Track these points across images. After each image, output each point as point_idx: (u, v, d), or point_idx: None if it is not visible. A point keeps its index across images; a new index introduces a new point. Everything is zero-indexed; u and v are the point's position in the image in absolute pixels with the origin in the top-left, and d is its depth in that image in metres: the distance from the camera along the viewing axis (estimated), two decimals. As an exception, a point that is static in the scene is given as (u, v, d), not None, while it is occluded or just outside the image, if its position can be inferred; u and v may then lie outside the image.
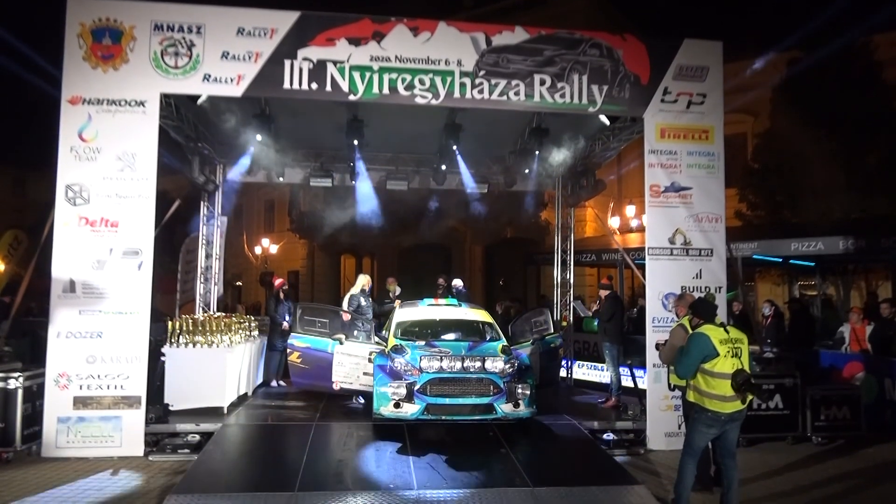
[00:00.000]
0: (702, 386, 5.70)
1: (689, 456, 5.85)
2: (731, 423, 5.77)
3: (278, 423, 8.58)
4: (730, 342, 5.69)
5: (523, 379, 8.09)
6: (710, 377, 5.66)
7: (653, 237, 8.88)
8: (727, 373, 5.61)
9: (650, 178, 8.91)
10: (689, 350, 5.70)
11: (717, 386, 5.64)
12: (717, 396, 5.65)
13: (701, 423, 5.76)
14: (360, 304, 10.33)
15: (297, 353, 9.22)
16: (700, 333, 5.72)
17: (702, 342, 5.66)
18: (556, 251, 13.22)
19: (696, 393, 5.77)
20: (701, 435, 5.81)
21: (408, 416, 7.76)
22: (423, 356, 8.01)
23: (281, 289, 11.31)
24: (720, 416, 5.67)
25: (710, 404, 5.68)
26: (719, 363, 5.63)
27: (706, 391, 5.68)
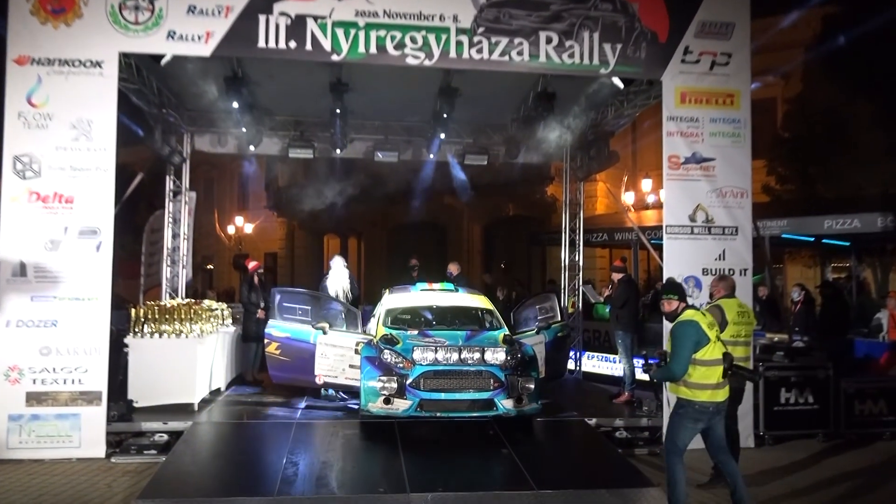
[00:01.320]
0: (693, 378, 5.74)
1: (675, 455, 5.91)
2: (718, 416, 5.88)
3: (255, 422, 8.60)
4: (715, 326, 5.84)
5: (527, 372, 8.12)
6: (701, 366, 5.73)
7: (671, 214, 8.87)
8: (718, 359, 5.73)
9: (669, 148, 8.88)
10: (682, 342, 5.70)
11: (709, 374, 5.72)
12: (709, 386, 5.73)
13: (687, 417, 5.82)
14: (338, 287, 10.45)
15: (275, 344, 9.22)
16: (689, 321, 5.76)
17: (693, 330, 5.72)
18: (563, 230, 13.22)
19: (684, 387, 5.79)
20: (687, 431, 5.88)
21: (399, 413, 7.78)
22: (415, 347, 8.02)
23: (255, 272, 11.30)
24: (709, 407, 5.76)
25: (701, 395, 5.75)
26: (710, 350, 5.71)
27: (697, 382, 5.74)
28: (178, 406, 8.73)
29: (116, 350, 8.60)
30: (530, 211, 24.41)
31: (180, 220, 12.26)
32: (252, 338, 11.01)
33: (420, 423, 8.03)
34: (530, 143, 12.04)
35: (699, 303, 8.53)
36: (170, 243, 12.07)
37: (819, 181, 18.15)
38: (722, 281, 7.51)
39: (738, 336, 7.17)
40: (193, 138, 12.24)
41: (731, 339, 6.99)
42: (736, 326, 7.14)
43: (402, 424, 7.99)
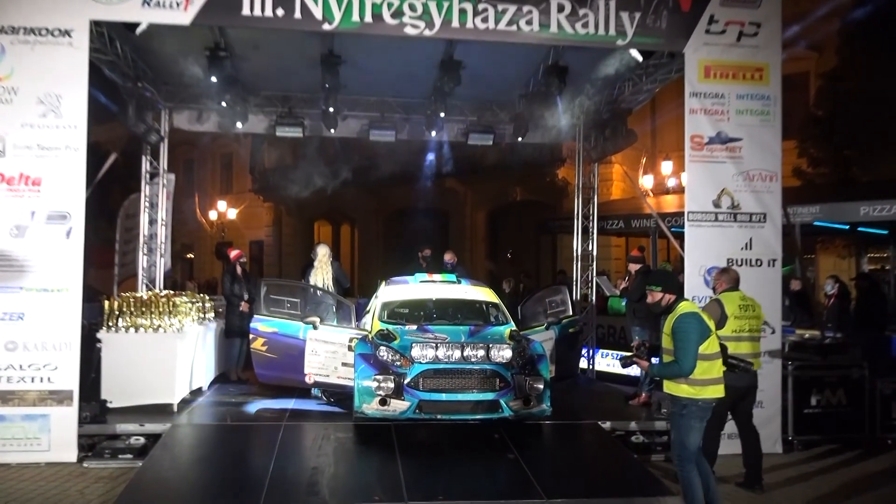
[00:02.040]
0: (696, 374, 5.81)
1: (688, 461, 5.95)
2: (710, 413, 5.98)
3: (240, 424, 8.62)
4: (710, 318, 5.96)
5: (535, 371, 8.14)
6: (705, 360, 5.81)
7: (694, 199, 8.86)
8: (717, 352, 5.85)
9: (691, 127, 8.86)
10: (689, 336, 5.75)
11: (711, 369, 5.82)
12: (713, 381, 5.83)
13: (693, 417, 5.88)
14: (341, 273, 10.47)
15: (261, 340, 9.24)
16: (693, 313, 5.82)
17: (696, 322, 5.78)
18: (576, 217, 13.21)
19: (687, 384, 5.84)
20: (695, 432, 5.93)
21: (396, 415, 7.81)
22: (414, 343, 8.03)
23: (237, 261, 11.31)
24: (712, 403, 5.86)
25: (705, 392, 5.82)
26: (711, 343, 5.81)
27: (703, 378, 5.81)
28: (155, 407, 8.74)
29: (89, 346, 8.60)
30: (539, 195, 24.40)
31: (158, 205, 12.26)
32: (236, 333, 11.03)
33: (419, 426, 8.05)
34: (540, 122, 12.01)
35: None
36: (146, 230, 12.07)
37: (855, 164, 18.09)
38: (724, 274, 7.60)
39: (742, 331, 7.25)
40: (172, 115, 12.22)
41: (733, 335, 7.09)
42: (738, 321, 7.22)
43: (400, 427, 8.00)
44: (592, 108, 12.07)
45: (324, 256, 10.68)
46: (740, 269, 8.70)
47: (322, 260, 10.62)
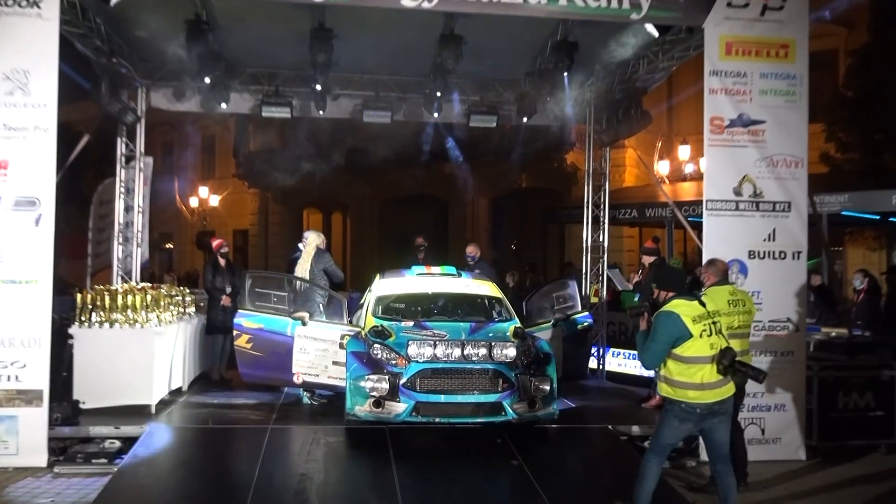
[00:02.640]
0: (673, 375, 5.88)
1: (653, 453, 6.07)
2: (714, 418, 5.94)
3: (222, 427, 8.64)
4: (707, 318, 5.87)
5: (541, 371, 8.15)
6: (682, 363, 5.84)
7: (713, 187, 8.85)
8: (704, 355, 5.81)
9: (711, 108, 8.83)
10: (656, 333, 5.86)
11: (691, 372, 5.83)
12: (692, 385, 5.84)
13: (672, 415, 5.96)
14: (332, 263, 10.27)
15: (245, 337, 9.24)
16: (669, 312, 5.86)
17: (671, 322, 5.81)
18: (585, 205, 13.20)
19: (666, 385, 5.96)
20: (671, 430, 6.00)
21: (391, 418, 7.83)
22: (410, 341, 8.04)
23: (220, 251, 11.30)
24: (695, 408, 5.87)
25: (683, 395, 5.87)
26: (693, 345, 5.81)
27: (679, 380, 5.87)
28: (132, 408, 8.74)
29: (60, 342, 8.60)
30: (546, 182, 24.38)
31: (134, 191, 12.24)
32: (218, 329, 11.04)
33: (416, 429, 8.06)
34: (547, 102, 11.96)
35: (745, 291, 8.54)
36: (122, 218, 12.06)
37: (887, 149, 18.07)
38: (711, 266, 7.65)
39: (731, 328, 7.18)
40: (149, 93, 12.19)
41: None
42: (727, 317, 7.14)
43: (395, 431, 8.02)
44: (604, 87, 12.04)
45: (311, 245, 10.35)
46: (763, 261, 8.72)
47: (308, 249, 10.33)
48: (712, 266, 7.69)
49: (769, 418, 8.68)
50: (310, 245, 10.34)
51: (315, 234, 10.58)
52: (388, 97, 12.40)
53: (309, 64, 10.81)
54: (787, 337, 8.71)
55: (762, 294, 8.65)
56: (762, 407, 8.66)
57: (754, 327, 8.55)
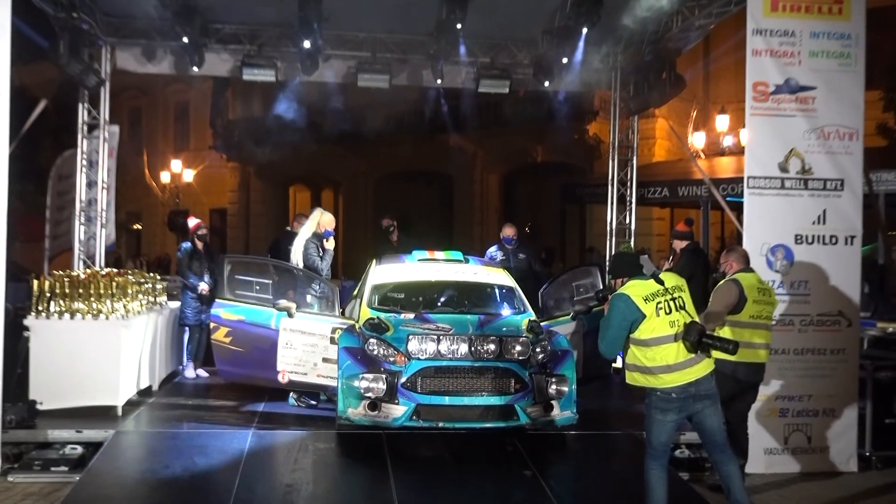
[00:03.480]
0: (640, 361, 6.10)
1: (651, 459, 6.20)
2: (697, 403, 6.11)
3: (198, 431, 8.65)
4: (662, 294, 6.07)
5: (559, 370, 8.16)
6: (644, 347, 6.06)
7: (755, 162, 8.82)
8: (666, 335, 6.00)
9: (754, 72, 8.79)
10: (608, 318, 6.14)
11: (657, 355, 6.02)
12: (660, 368, 6.03)
13: (652, 408, 6.16)
14: (313, 255, 10.14)
15: (224, 330, 9.25)
16: (618, 294, 6.13)
17: (620, 305, 6.06)
18: (610, 182, 13.18)
19: (637, 373, 6.16)
20: (658, 426, 6.16)
21: (388, 423, 7.83)
22: (411, 335, 8.04)
23: (196, 233, 11.31)
24: (670, 392, 6.04)
25: (655, 381, 6.07)
26: (650, 326, 6.00)
27: (645, 366, 6.08)
28: (96, 410, 8.75)
29: (14, 335, 8.60)
30: (566, 156, 24.34)
31: (97, 164, 12.24)
32: (193, 321, 11.06)
33: (416, 435, 8.07)
34: (567, 65, 11.94)
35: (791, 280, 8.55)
36: (84, 194, 12.06)
37: (954, 120, 18.00)
38: (731, 253, 7.84)
39: (760, 317, 7.48)
40: (115, 53, 12.16)
41: (750, 321, 7.39)
42: (756, 306, 7.46)
43: (393, 437, 8.03)
44: (632, 48, 11.99)
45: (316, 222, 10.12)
46: (811, 247, 8.69)
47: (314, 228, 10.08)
48: (733, 252, 7.85)
49: (816, 425, 8.68)
50: (311, 225, 10.20)
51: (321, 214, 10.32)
52: (386, 59, 12.36)
53: (296, 20, 10.78)
54: (838, 333, 8.69)
55: (810, 284, 8.65)
56: (808, 412, 8.66)
57: (800, 322, 8.56)
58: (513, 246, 11.77)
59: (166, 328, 10.70)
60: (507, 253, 11.71)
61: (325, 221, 10.23)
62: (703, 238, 16.90)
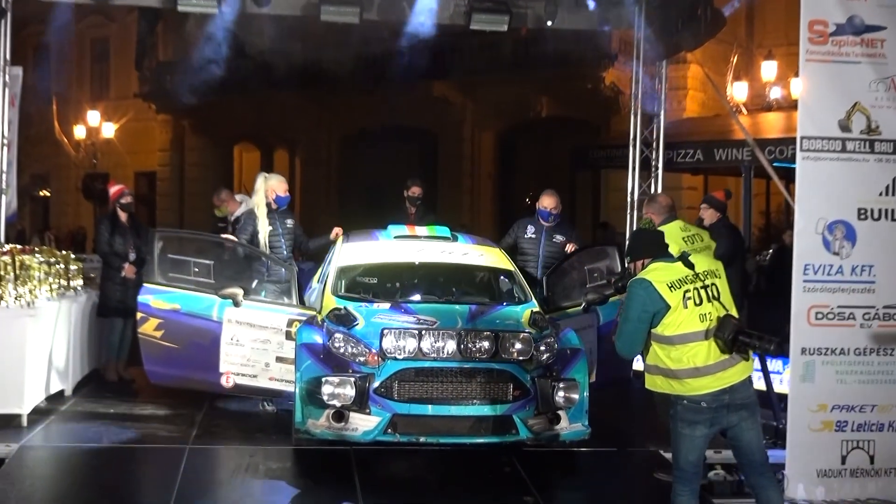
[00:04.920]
0: (663, 362, 6.02)
1: (679, 482, 6.17)
2: (731, 414, 6.04)
3: (121, 446, 8.65)
4: (691, 281, 6.00)
5: (568, 373, 8.19)
6: (667, 345, 5.97)
7: (810, 119, 8.81)
8: (695, 330, 5.92)
9: (810, 8, 8.77)
10: (626, 310, 6.10)
11: (684, 355, 5.94)
12: (687, 372, 5.95)
13: (679, 420, 6.07)
14: (256, 231, 10.16)
15: (154, 322, 9.25)
16: (639, 280, 6.05)
17: (641, 293, 5.97)
18: (631, 143, 13.18)
19: (659, 377, 6.11)
20: (686, 441, 6.08)
21: (358, 437, 7.84)
22: (386, 329, 8.04)
23: (118, 202, 11.25)
24: (699, 401, 5.95)
25: (681, 387, 5.98)
26: (676, 319, 5.92)
27: (669, 369, 6.00)
28: (-5, 419, 8.76)
29: None
30: (576, 110, 24.35)
31: (-4, 115, 12.17)
32: (116, 311, 11.05)
33: (392, 452, 8.12)
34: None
35: (852, 265, 8.56)
36: (-22, 154, 11.99)
37: None
38: (652, 203, 8.25)
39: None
40: (17, -23, 12.07)
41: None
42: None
43: (363, 455, 8.07)
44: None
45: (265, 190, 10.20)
46: (878, 223, 8.68)
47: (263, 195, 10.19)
48: (654, 203, 8.25)
49: (881, 441, 8.69)
50: (258, 193, 10.28)
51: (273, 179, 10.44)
52: (357, -13, 12.30)
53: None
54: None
55: (875, 269, 8.62)
56: (872, 425, 8.68)
57: (863, 315, 8.58)
58: (550, 223, 11.19)
59: (82, 319, 10.68)
60: (539, 231, 11.12)
61: (274, 186, 10.27)
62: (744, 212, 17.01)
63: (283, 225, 10.27)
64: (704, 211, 10.40)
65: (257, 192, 10.33)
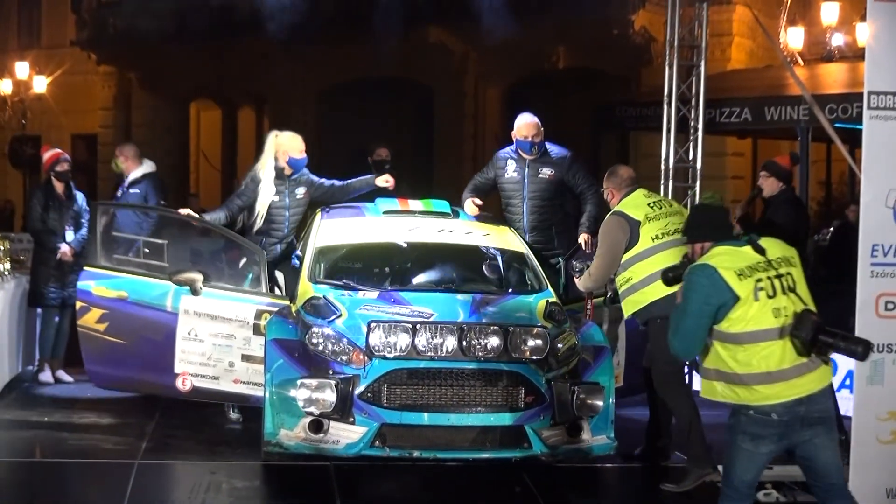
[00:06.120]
0: (727, 365, 5.92)
1: (727, 501, 6.12)
2: (806, 430, 5.97)
3: (59, 461, 8.65)
4: (763, 269, 5.91)
5: (590, 376, 8.23)
6: (733, 344, 5.88)
7: (879, 71, 8.80)
8: (768, 327, 5.84)
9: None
10: (686, 301, 5.96)
11: (754, 357, 5.86)
12: (757, 377, 5.86)
13: (739, 432, 6.00)
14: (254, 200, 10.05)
15: (97, 313, 9.28)
16: (702, 266, 5.95)
17: (704, 282, 5.87)
18: (665, 100, 13.17)
19: (720, 383, 6.01)
20: (746, 457, 6.02)
21: (340, 451, 7.86)
22: (374, 323, 8.05)
23: (53, 170, 11.24)
24: (769, 412, 5.88)
25: (748, 395, 5.90)
26: (745, 313, 5.83)
27: (734, 373, 5.90)
28: None
29: None
30: (600, 61, 24.39)
31: None
32: (51, 300, 11.07)
33: (379, 469, 8.15)
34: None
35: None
36: None
37: None
38: (611, 178, 8.77)
39: (668, 233, 8.25)
40: None
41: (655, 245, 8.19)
42: (655, 223, 8.30)
43: (345, 472, 8.09)
44: None
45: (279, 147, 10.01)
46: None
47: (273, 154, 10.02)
48: (613, 176, 8.67)
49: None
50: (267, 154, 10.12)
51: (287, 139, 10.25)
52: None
53: None
54: None
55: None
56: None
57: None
58: (533, 155, 10.71)
59: (10, 310, 10.73)
60: (521, 167, 10.61)
61: (286, 145, 10.09)
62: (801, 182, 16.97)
63: (291, 195, 10.13)
64: (764, 180, 10.34)
65: (265, 152, 10.19)
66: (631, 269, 8.14)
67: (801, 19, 22.24)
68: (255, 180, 10.04)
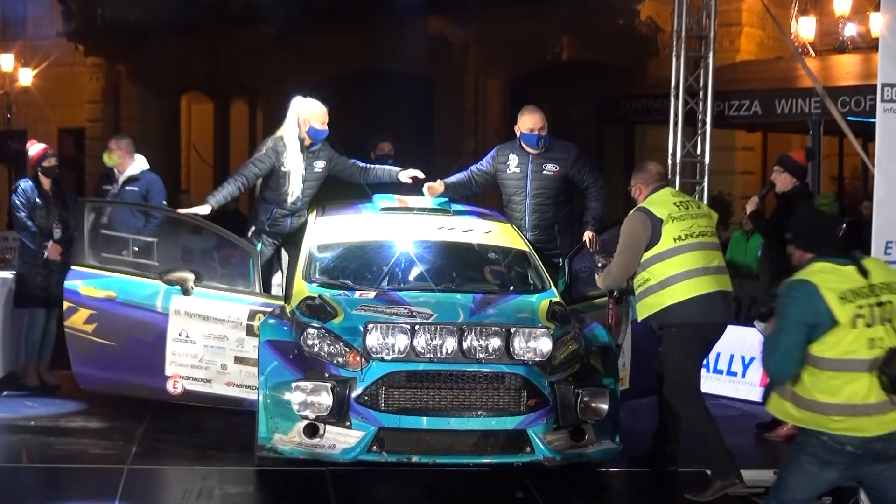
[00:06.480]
0: (807, 391, 5.79)
1: None
2: (878, 463, 5.85)
3: (45, 467, 8.65)
4: (865, 295, 5.74)
5: (595, 378, 8.23)
6: (820, 369, 5.74)
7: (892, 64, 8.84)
8: (860, 358, 5.69)
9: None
10: (784, 318, 5.79)
11: (840, 387, 5.73)
12: (839, 408, 5.73)
13: (806, 454, 5.87)
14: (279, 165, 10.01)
15: (85, 314, 9.28)
16: (802, 282, 5.77)
17: (802, 298, 5.72)
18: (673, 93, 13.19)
19: (795, 407, 5.89)
20: (805, 478, 5.92)
21: (336, 456, 7.87)
22: (371, 324, 8.03)
23: (40, 166, 11.24)
24: (844, 444, 5.76)
25: (826, 423, 5.78)
26: (841, 339, 5.68)
27: (815, 400, 5.77)
28: None
29: None
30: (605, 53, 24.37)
31: None
32: (37, 300, 11.08)
33: (377, 475, 8.16)
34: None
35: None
36: None
37: None
38: (640, 173, 8.67)
39: (692, 235, 8.18)
40: None
41: (677, 245, 8.10)
42: (678, 223, 8.18)
43: (342, 477, 8.10)
44: None
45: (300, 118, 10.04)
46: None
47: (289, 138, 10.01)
48: (641, 173, 8.56)
49: None
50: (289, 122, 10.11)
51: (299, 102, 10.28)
52: None
53: None
54: None
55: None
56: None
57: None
58: (538, 149, 10.51)
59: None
60: (525, 162, 10.45)
61: (309, 113, 10.10)
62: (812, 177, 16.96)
63: (309, 168, 10.18)
64: (777, 175, 10.30)
65: (287, 118, 10.19)
66: (649, 270, 8.09)
67: (813, 9, 22.22)
68: (275, 148, 10.08)
